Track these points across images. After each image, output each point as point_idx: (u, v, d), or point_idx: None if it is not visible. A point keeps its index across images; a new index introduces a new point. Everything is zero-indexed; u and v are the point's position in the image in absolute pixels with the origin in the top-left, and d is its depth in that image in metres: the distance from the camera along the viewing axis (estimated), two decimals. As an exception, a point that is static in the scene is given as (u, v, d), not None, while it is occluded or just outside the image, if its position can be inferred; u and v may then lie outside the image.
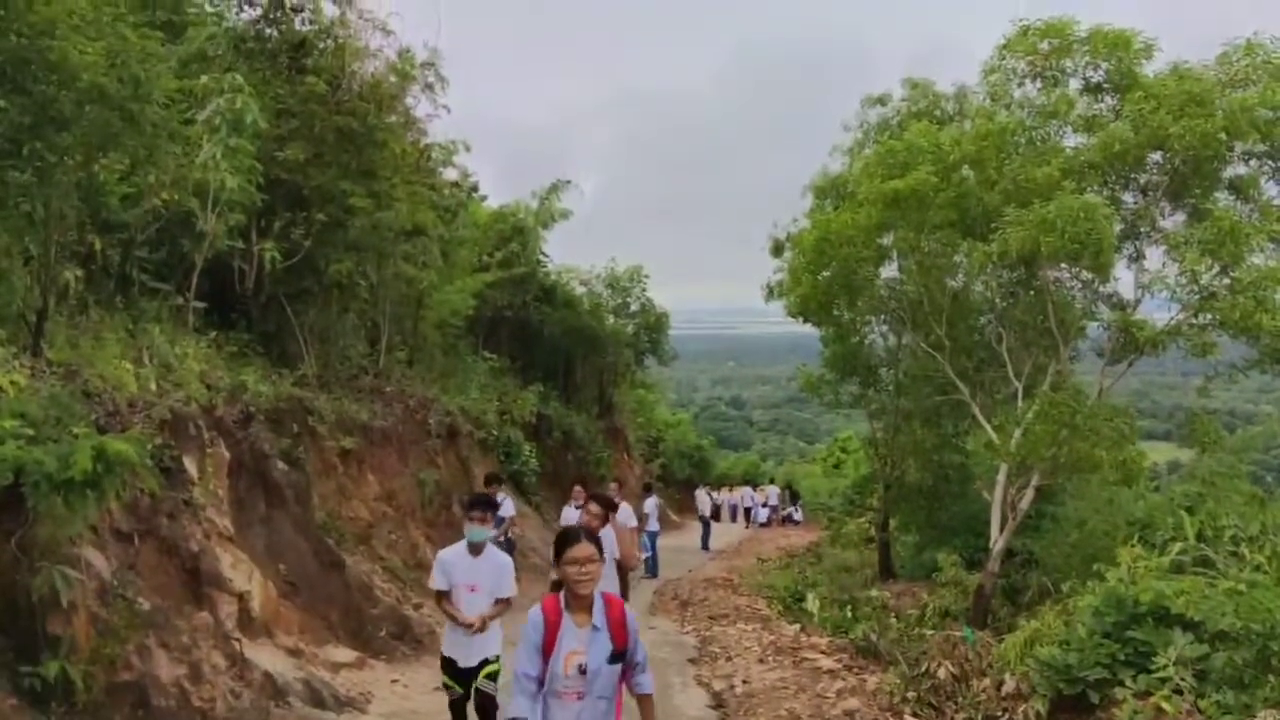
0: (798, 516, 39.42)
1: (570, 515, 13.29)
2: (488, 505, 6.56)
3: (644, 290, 29.68)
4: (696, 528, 29.39)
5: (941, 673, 9.26)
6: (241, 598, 7.96)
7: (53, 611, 5.76)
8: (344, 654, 9.31)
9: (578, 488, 14.11)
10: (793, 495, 41.72)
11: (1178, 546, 9.49)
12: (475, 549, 6.37)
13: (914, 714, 8.71)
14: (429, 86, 14.58)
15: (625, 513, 12.10)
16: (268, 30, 13.35)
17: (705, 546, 27.30)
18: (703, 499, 31.18)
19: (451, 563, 6.40)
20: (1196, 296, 13.78)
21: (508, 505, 13.17)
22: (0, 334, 7.09)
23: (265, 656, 7.93)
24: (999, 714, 8.20)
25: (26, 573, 5.66)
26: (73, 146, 7.45)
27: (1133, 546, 9.65)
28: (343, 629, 9.88)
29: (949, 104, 20.08)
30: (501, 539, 12.90)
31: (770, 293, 21.90)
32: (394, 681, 9.27)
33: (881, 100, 20.88)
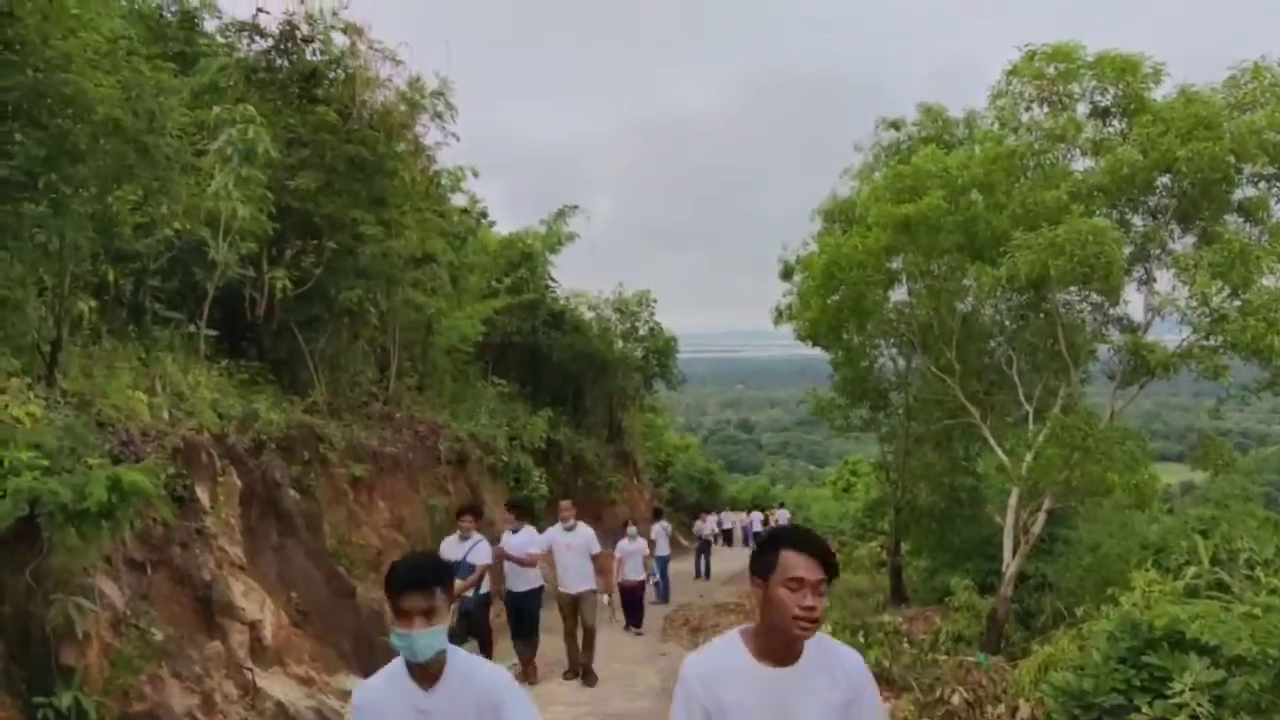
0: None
1: (551, 539, 11.03)
2: (424, 582, 3.12)
3: (652, 314, 29.75)
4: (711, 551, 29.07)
5: (955, 699, 9.21)
6: (253, 627, 7.96)
7: (66, 642, 5.77)
8: (355, 683, 9.26)
9: (565, 503, 11.90)
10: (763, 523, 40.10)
11: (1192, 570, 9.43)
12: (425, 674, 3.15)
13: (928, 741, 8.66)
14: (438, 115, 14.70)
15: (584, 535, 11.04)
16: (279, 61, 13.47)
17: (704, 574, 26.06)
18: (700, 525, 29.19)
19: (379, 711, 3.20)
20: (1207, 319, 13.78)
21: (480, 550, 10.14)
22: (15, 364, 7.13)
23: (277, 686, 7.93)
24: (1014, 741, 8.14)
25: (41, 603, 5.67)
26: (88, 179, 7.51)
27: (1147, 570, 9.60)
28: (354, 657, 9.87)
29: (959, 129, 20.21)
30: (470, 593, 10.14)
31: (779, 316, 21.95)
32: (405, 710, 9.24)
33: (895, 124, 21.03)
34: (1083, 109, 15.30)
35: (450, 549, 10.17)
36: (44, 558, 5.64)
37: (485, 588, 10.41)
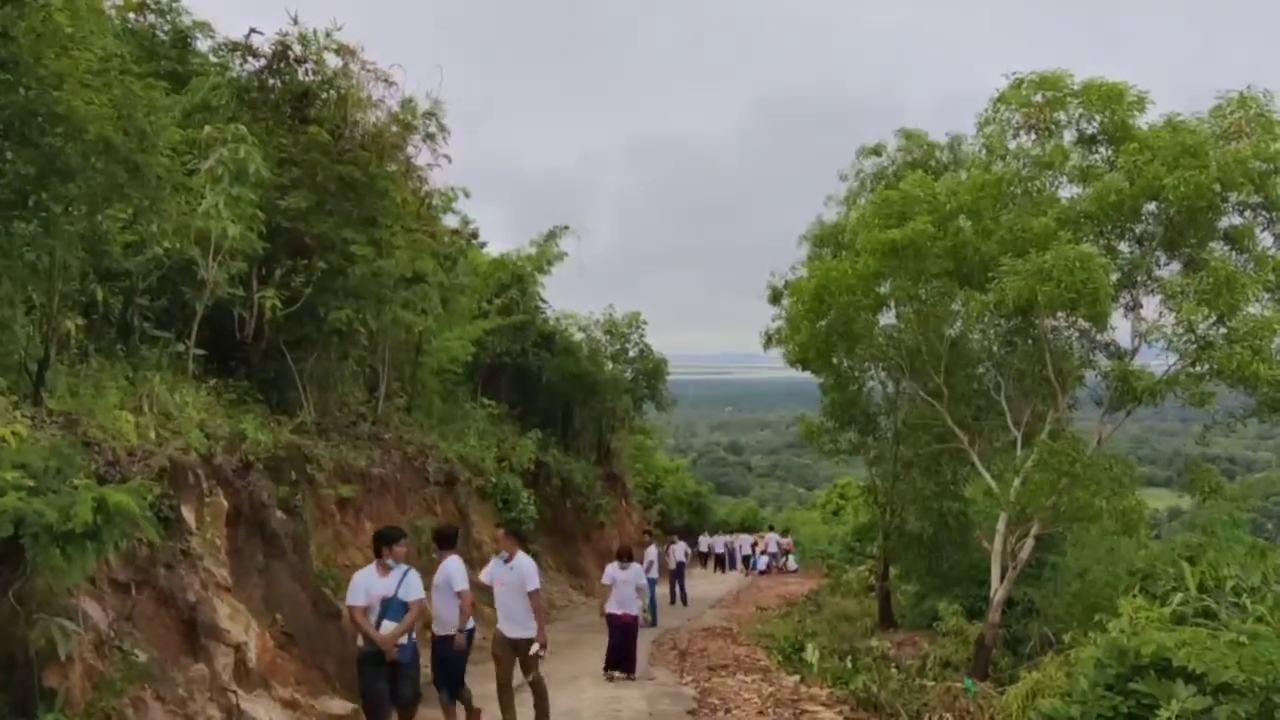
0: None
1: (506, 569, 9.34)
2: None
3: (642, 336, 29.78)
4: (701, 576, 28.81)
5: (943, 725, 9.20)
6: (238, 649, 7.90)
7: (49, 664, 5.71)
8: (340, 705, 9.21)
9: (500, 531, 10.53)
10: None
11: (1179, 597, 9.45)
12: None
13: (916, 768, 8.63)
14: (430, 136, 14.75)
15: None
16: (271, 81, 13.51)
17: (682, 601, 24.29)
18: (676, 549, 26.85)
19: None
20: (1193, 346, 13.85)
21: (412, 583, 8.08)
22: (2, 383, 7.10)
23: (261, 709, 7.85)
24: (1002, 768, 8.13)
25: (23, 625, 5.62)
26: (78, 197, 7.51)
27: (1134, 597, 9.61)
28: (339, 680, 9.79)
29: (943, 153, 20.39)
30: (405, 641, 7.99)
31: (769, 340, 22.01)
32: (390, 734, 9.16)
33: (876, 150, 21.26)
34: (1069, 136, 15.43)
35: (369, 584, 8.01)
36: (27, 579, 5.60)
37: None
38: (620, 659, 12.92)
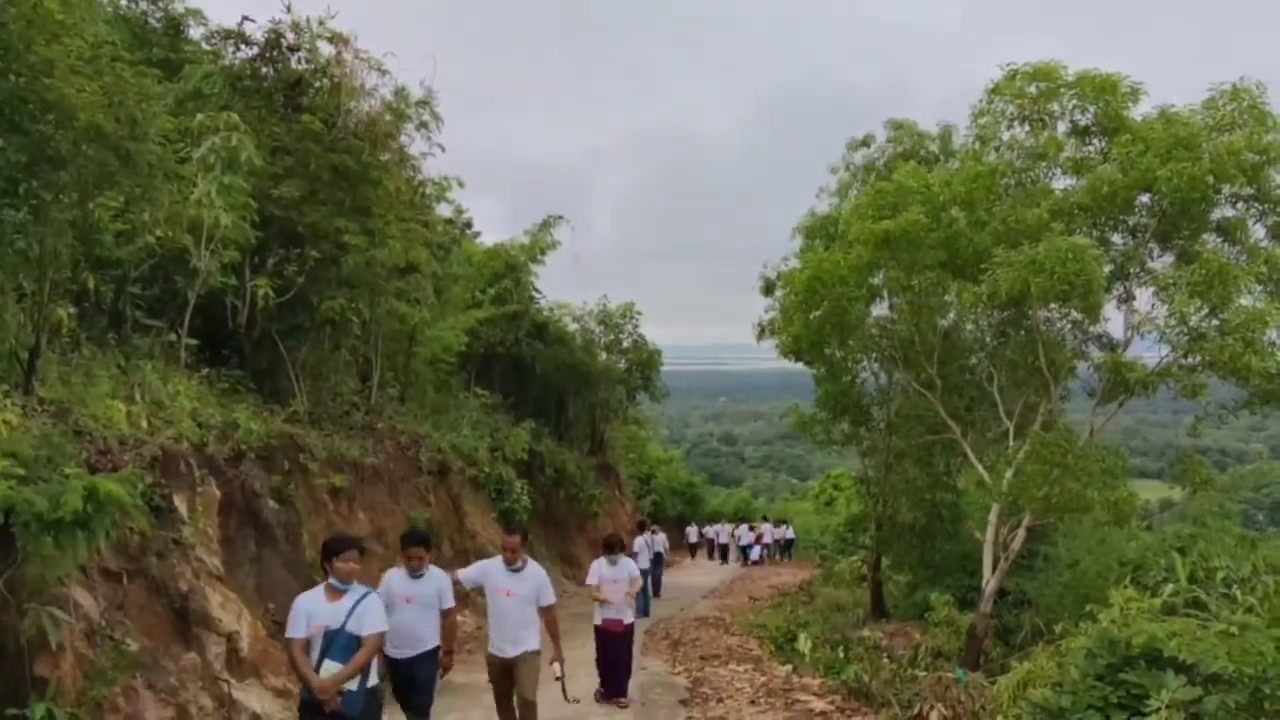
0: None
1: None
2: None
3: (636, 327, 29.72)
4: (690, 565, 28.78)
5: (934, 715, 9.24)
6: (230, 638, 7.90)
7: (40, 653, 5.71)
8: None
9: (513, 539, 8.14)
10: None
11: (1170, 588, 9.48)
12: None
13: (907, 757, 8.66)
14: (423, 125, 14.70)
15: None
16: (264, 69, 13.45)
17: (654, 591, 21.95)
18: (657, 540, 24.05)
19: None
20: (1186, 338, 13.86)
21: (366, 611, 5.91)
22: (-8, 372, 7.09)
23: (253, 698, 7.86)
24: (992, 758, 8.15)
25: (14, 614, 5.62)
26: (69, 185, 7.49)
27: (1125, 588, 9.64)
28: (331, 669, 9.79)
29: (933, 144, 20.39)
30: (353, 685, 5.76)
31: (762, 331, 21.99)
32: (382, 723, 9.14)
33: (865, 142, 21.28)
34: (1063, 128, 15.42)
35: (312, 610, 5.88)
36: (18, 567, 5.59)
37: (374, 677, 6.04)
38: (614, 678, 10.81)
